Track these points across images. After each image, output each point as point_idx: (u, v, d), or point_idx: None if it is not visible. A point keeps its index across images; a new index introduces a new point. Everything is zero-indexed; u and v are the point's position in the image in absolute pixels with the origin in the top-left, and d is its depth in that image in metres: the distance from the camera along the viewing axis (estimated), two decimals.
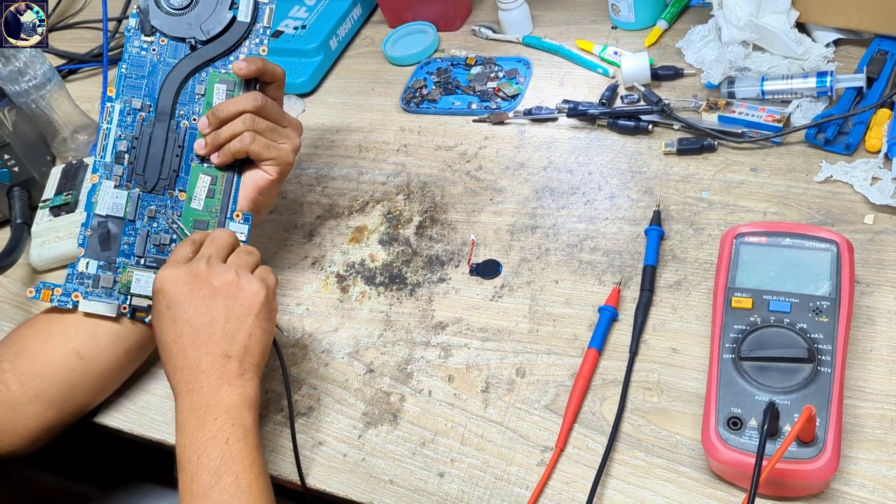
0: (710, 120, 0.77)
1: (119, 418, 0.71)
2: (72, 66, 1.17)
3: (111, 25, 1.21)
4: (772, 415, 0.49)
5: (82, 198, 0.90)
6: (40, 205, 0.90)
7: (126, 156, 0.69)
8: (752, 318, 0.56)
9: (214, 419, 0.54)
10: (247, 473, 0.52)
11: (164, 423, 0.70)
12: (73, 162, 0.94)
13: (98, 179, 0.69)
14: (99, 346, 0.66)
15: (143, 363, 0.74)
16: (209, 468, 0.52)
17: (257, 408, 0.57)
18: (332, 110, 0.96)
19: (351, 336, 0.72)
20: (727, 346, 0.56)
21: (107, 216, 0.69)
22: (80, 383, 0.66)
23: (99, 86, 1.12)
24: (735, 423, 0.52)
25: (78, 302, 0.67)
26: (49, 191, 0.92)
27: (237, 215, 0.69)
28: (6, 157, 0.91)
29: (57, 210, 0.89)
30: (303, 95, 0.99)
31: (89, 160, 0.94)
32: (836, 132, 0.71)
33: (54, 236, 0.87)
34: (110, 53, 1.13)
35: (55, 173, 0.94)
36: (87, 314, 0.67)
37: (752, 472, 0.47)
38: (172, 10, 0.70)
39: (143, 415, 0.71)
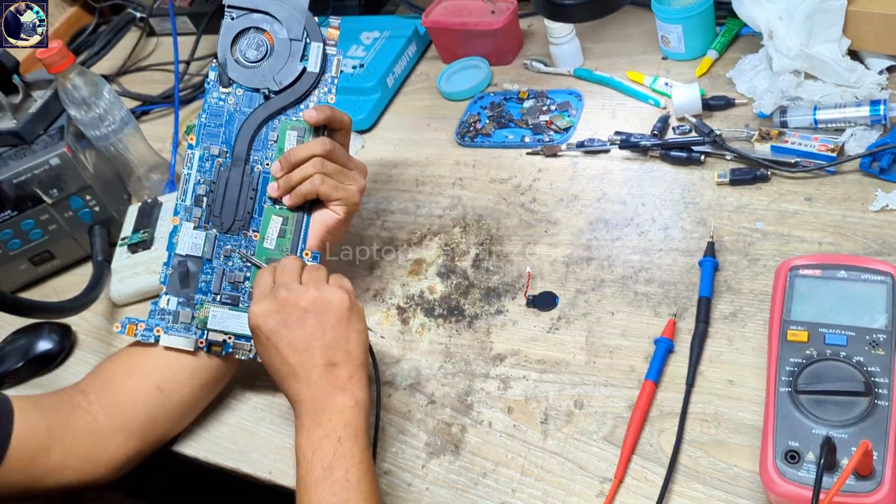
0: (762, 150, 0.77)
1: (195, 447, 0.75)
2: (144, 107, 1.24)
3: (181, 67, 1.27)
4: (828, 449, 0.49)
5: (158, 235, 0.95)
6: (119, 242, 0.96)
7: (204, 199, 0.74)
8: (808, 352, 0.57)
9: (329, 420, 0.59)
10: (356, 469, 0.57)
11: (236, 452, 0.73)
12: (149, 201, 1.00)
13: (179, 221, 0.74)
14: (178, 380, 0.71)
15: (221, 395, 0.78)
16: (322, 463, 0.57)
17: (367, 410, 0.61)
18: (390, 146, 1.00)
19: (412, 367, 0.74)
20: (783, 379, 0.56)
21: (186, 256, 0.73)
22: (160, 415, 0.71)
23: (169, 125, 1.18)
24: (793, 457, 0.53)
25: (159, 336, 0.71)
26: (126, 229, 0.98)
27: (306, 253, 0.72)
28: (88, 197, 0.97)
29: (134, 247, 0.94)
30: (362, 132, 1.03)
31: (163, 199, 1.00)
32: (892, 160, 0.71)
33: (132, 272, 0.93)
34: (181, 94, 1.19)
35: (132, 212, 1.00)
36: (167, 348, 0.71)
37: None
38: (248, 64, 0.75)
39: (217, 443, 0.75)
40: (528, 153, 0.90)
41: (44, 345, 0.89)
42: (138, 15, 1.43)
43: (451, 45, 1.06)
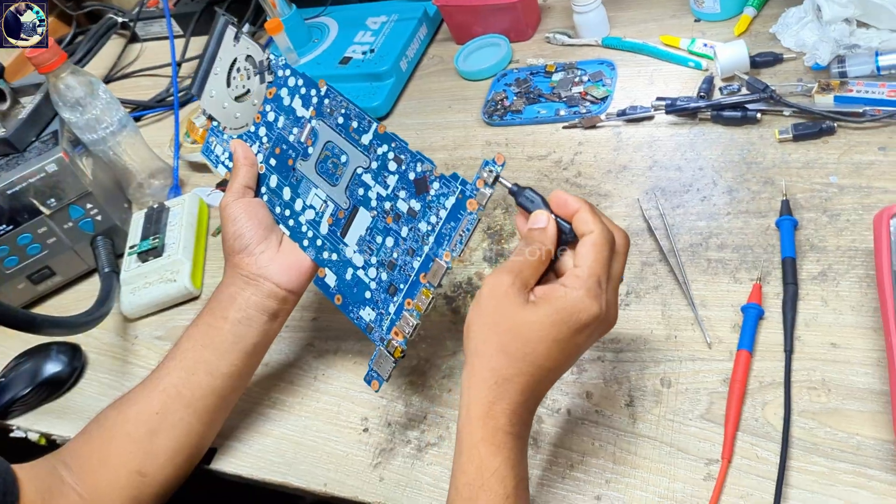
0: (824, 102, 0.73)
1: (236, 463, 0.68)
2: (136, 113, 1.17)
3: (167, 69, 1.20)
4: None
5: (169, 241, 0.88)
6: (127, 251, 0.89)
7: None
8: None
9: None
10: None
11: (283, 465, 0.66)
12: (155, 206, 0.93)
13: None
14: (158, 462, 0.62)
15: (256, 405, 0.71)
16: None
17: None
18: (412, 132, 0.94)
19: None
20: None
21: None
22: (146, 496, 0.62)
23: (164, 130, 1.11)
24: None
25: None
26: (134, 237, 0.91)
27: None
28: (89, 206, 0.90)
29: (145, 255, 0.87)
30: (380, 119, 0.97)
31: (170, 203, 0.93)
32: None
33: (144, 282, 0.86)
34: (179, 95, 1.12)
35: (137, 219, 0.93)
36: None
37: None
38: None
39: (260, 458, 0.68)
40: (564, 127, 0.85)
41: (52, 367, 0.81)
42: (120, 20, 1.36)
43: (467, 23, 1.00)
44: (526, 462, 0.50)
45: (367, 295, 0.62)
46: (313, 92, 0.66)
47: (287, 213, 0.68)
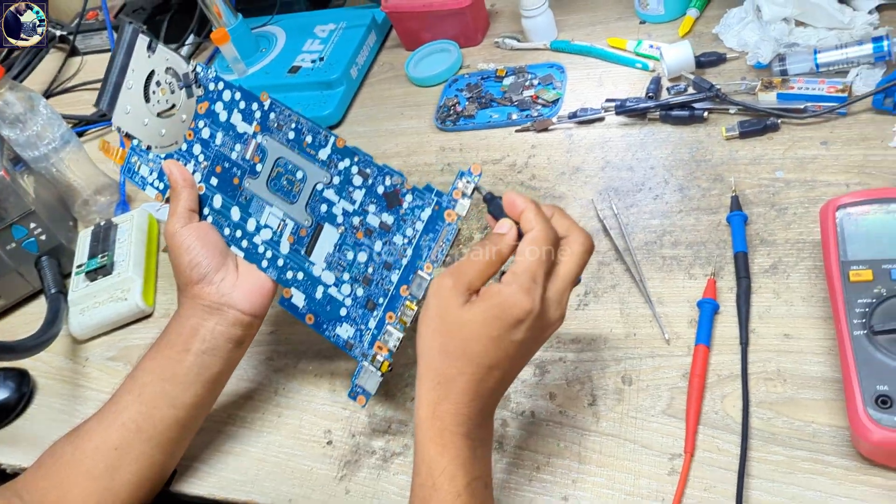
0: (767, 99, 0.75)
1: (197, 484, 0.66)
2: (79, 128, 1.13)
3: None
4: None
5: (118, 258, 0.86)
6: (74, 270, 0.86)
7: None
8: (876, 290, 0.53)
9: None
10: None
11: (246, 483, 0.65)
12: (102, 223, 0.90)
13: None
14: (119, 498, 0.60)
15: (215, 423, 0.70)
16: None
17: None
18: (364, 139, 0.93)
19: None
20: (855, 322, 0.53)
21: None
22: None
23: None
24: (884, 402, 0.49)
25: None
26: (81, 255, 0.88)
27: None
28: (32, 225, 0.87)
29: (93, 274, 0.85)
30: (331, 128, 0.96)
31: (118, 220, 0.91)
32: None
33: (94, 302, 0.83)
34: None
35: (83, 237, 0.90)
36: None
37: None
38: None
39: (223, 477, 0.66)
40: (517, 130, 0.85)
41: None
42: (59, 33, 1.32)
43: (416, 29, 1.00)
44: (481, 462, 0.50)
45: (343, 312, 0.61)
46: (255, 106, 0.64)
47: (238, 233, 0.66)
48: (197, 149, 0.68)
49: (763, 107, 0.74)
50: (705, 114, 0.77)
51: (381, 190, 0.59)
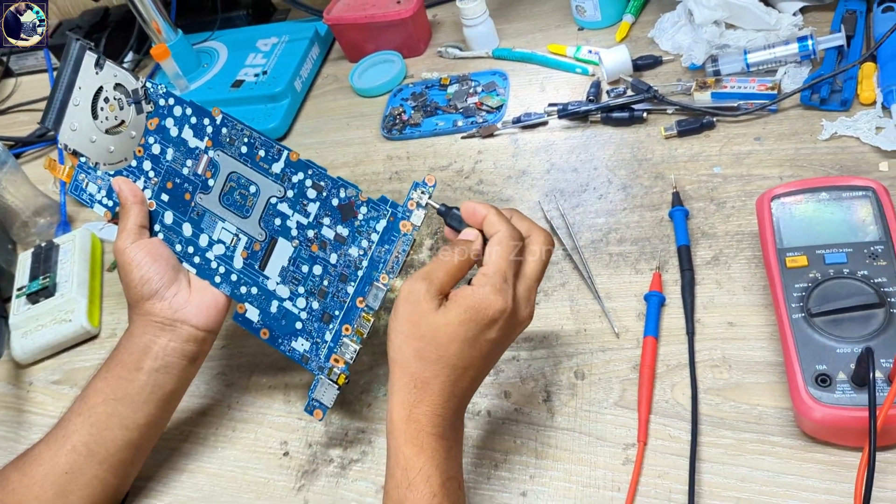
0: (703, 99, 0.77)
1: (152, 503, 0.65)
2: (16, 150, 1.10)
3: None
4: (869, 360, 0.47)
5: (61, 280, 0.84)
6: (15, 294, 0.84)
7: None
8: (811, 275, 0.55)
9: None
10: None
11: (202, 500, 0.64)
12: (43, 245, 0.88)
13: None
14: None
15: (168, 440, 0.68)
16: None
17: None
18: (311, 151, 0.93)
19: (387, 372, 0.67)
20: (794, 306, 0.55)
21: None
22: None
23: None
24: (823, 381, 0.51)
25: None
26: (21, 278, 0.85)
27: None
28: None
29: (34, 296, 0.82)
30: (278, 140, 0.95)
31: (60, 240, 0.88)
32: (830, 90, 0.72)
33: (36, 324, 0.81)
34: None
35: (24, 259, 0.88)
36: None
37: (868, 423, 0.46)
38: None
39: (177, 494, 0.65)
40: (463, 137, 0.86)
41: None
42: None
43: (359, 40, 1.01)
44: (455, 462, 0.51)
45: (298, 326, 0.61)
46: (206, 121, 0.64)
47: (191, 249, 0.65)
48: (147, 165, 0.67)
49: (699, 106, 0.76)
50: (644, 115, 0.79)
51: (335, 202, 0.59)
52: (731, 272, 0.64)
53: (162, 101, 0.66)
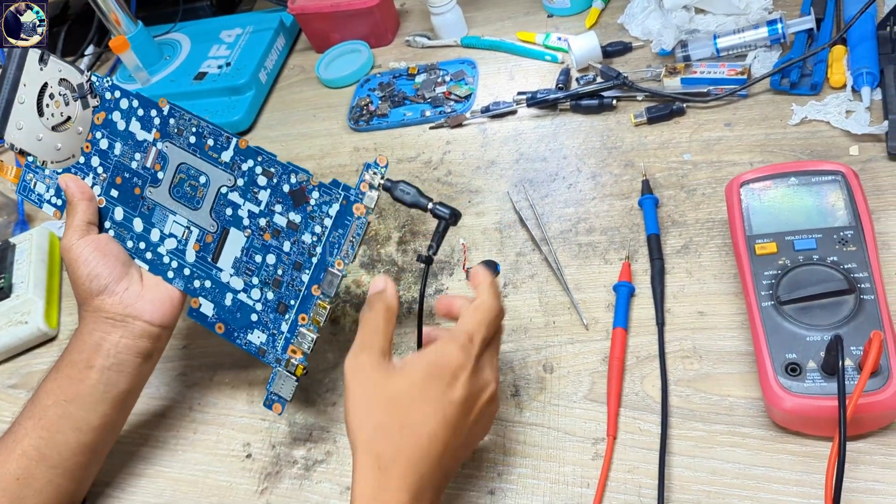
0: (672, 85, 0.76)
1: None
2: None
3: None
4: (840, 347, 0.46)
5: (17, 280, 0.81)
6: None
7: None
8: (780, 262, 0.54)
9: None
10: None
11: None
12: None
13: None
14: None
15: (126, 444, 0.66)
16: None
17: None
18: (276, 144, 0.91)
19: None
20: (763, 294, 0.53)
21: None
22: None
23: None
24: (793, 370, 0.50)
25: None
26: None
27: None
28: None
29: None
30: (242, 133, 0.93)
31: (16, 240, 0.86)
32: (800, 75, 0.71)
33: None
34: None
35: None
36: None
37: (838, 412, 0.45)
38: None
39: (137, 500, 0.63)
40: (431, 127, 0.84)
41: None
42: None
43: (325, 30, 0.98)
44: None
45: (254, 318, 0.59)
46: (154, 112, 0.62)
47: (142, 245, 0.63)
48: (95, 161, 0.64)
49: (669, 92, 0.75)
50: (614, 102, 0.77)
51: (286, 188, 0.57)
52: (702, 260, 0.63)
53: (108, 95, 0.63)
